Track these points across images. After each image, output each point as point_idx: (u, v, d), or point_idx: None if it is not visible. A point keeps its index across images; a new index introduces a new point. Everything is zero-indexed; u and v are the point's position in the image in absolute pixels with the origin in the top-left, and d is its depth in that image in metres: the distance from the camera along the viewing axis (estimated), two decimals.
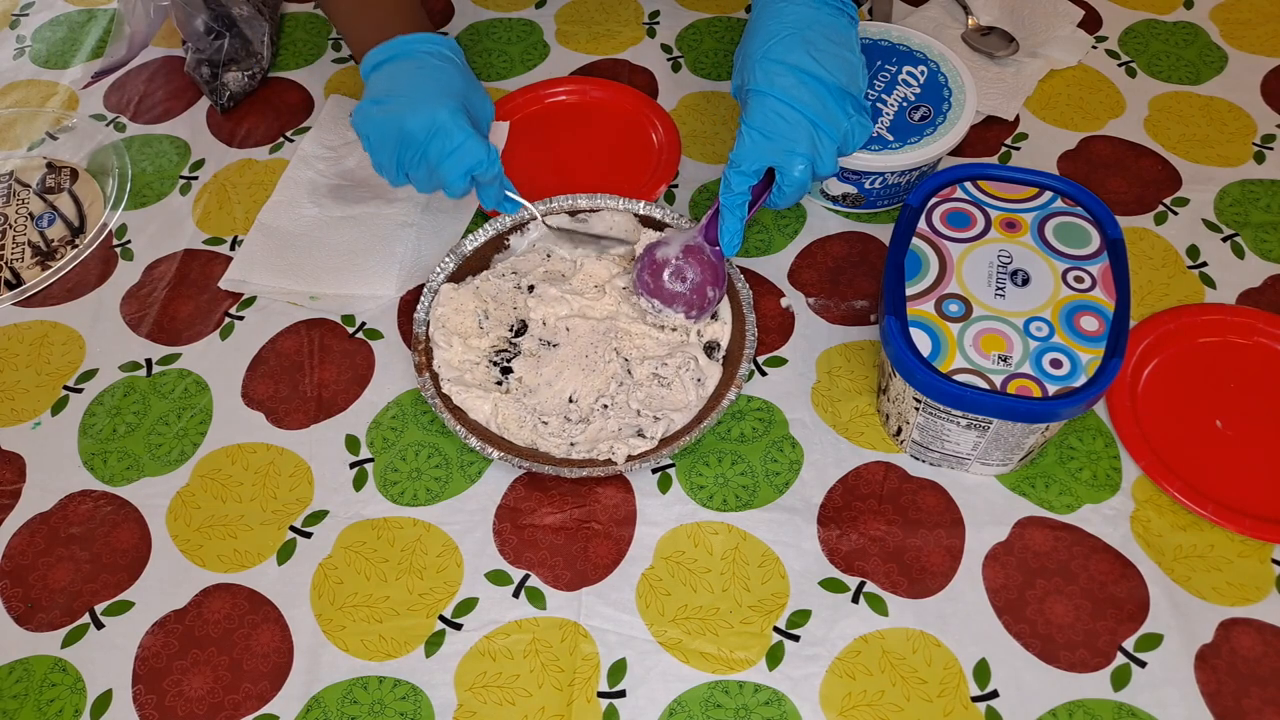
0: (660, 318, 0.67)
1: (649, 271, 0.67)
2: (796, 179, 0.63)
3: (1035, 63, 0.83)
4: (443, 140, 0.63)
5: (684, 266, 0.66)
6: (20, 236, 0.79)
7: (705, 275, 0.66)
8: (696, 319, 0.67)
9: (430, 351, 0.67)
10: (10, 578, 0.61)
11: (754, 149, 0.62)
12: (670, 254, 0.67)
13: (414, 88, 0.65)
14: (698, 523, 0.61)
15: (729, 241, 0.65)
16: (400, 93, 0.65)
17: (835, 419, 0.65)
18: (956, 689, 0.55)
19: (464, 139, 0.63)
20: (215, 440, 0.66)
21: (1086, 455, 0.62)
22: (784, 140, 0.62)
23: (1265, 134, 0.78)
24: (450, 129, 0.63)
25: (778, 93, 0.62)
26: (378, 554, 0.61)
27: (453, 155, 0.63)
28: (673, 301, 0.67)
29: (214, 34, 0.85)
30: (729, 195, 0.64)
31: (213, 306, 0.73)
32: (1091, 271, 0.58)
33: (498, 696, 0.55)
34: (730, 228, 0.65)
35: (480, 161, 0.64)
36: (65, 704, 0.56)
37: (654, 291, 0.67)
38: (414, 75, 0.67)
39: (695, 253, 0.66)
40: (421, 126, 0.63)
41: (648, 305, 0.67)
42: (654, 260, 0.67)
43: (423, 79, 0.66)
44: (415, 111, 0.63)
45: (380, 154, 0.66)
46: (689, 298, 0.66)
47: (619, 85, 0.83)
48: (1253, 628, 0.56)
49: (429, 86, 0.65)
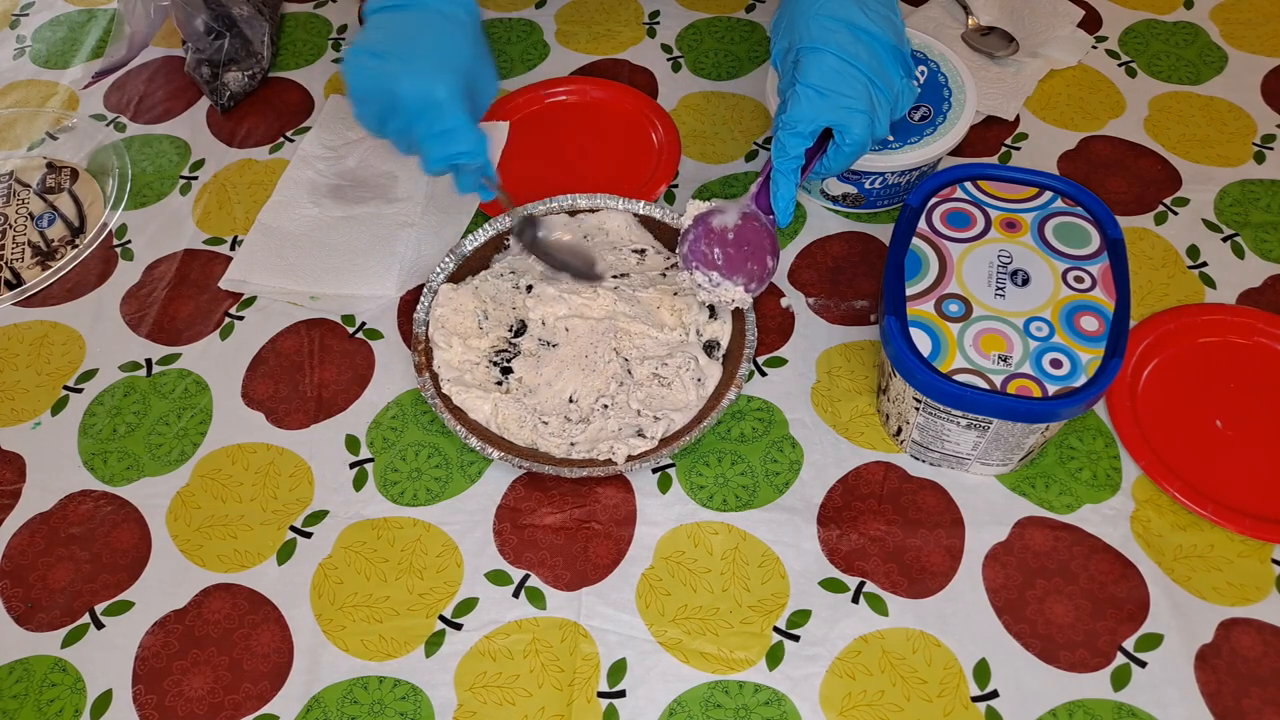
0: (718, 292, 0.63)
1: (706, 241, 0.62)
2: (858, 137, 0.60)
3: (1035, 63, 0.83)
4: (432, 119, 0.59)
5: (743, 235, 0.62)
6: (20, 236, 0.79)
7: (764, 244, 0.63)
8: (756, 291, 0.63)
9: (430, 351, 0.67)
10: (10, 578, 0.61)
11: (811, 107, 0.60)
12: (729, 222, 0.63)
13: (415, 49, 0.60)
14: (698, 523, 0.61)
15: (784, 209, 0.62)
16: (399, 51, 0.59)
17: (835, 419, 0.65)
18: (956, 689, 0.55)
19: (456, 124, 0.59)
20: (215, 440, 0.66)
21: (1086, 455, 0.62)
22: (842, 98, 0.59)
23: (1265, 134, 0.78)
24: (444, 109, 0.59)
25: (834, 49, 0.59)
26: (378, 554, 0.61)
27: (439, 137, 0.59)
28: (735, 272, 0.62)
29: (214, 34, 0.85)
30: (783, 159, 0.61)
31: (213, 306, 0.73)
32: (1091, 271, 0.58)
33: (498, 696, 0.55)
34: (785, 193, 0.62)
35: (465, 152, 0.60)
36: (65, 704, 0.57)
37: (712, 263, 0.62)
38: (418, 34, 0.61)
39: (752, 220, 0.63)
40: (414, 97, 0.58)
41: (704, 279, 0.63)
42: (710, 230, 0.63)
43: (427, 41, 0.60)
44: (411, 79, 0.58)
45: (364, 106, 0.61)
46: (750, 269, 0.63)
47: (619, 85, 0.83)
48: (1253, 628, 0.56)
49: (432, 52, 0.60)
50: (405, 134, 0.61)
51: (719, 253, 0.63)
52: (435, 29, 0.61)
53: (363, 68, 0.60)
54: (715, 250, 0.63)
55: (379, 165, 0.80)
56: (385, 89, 0.59)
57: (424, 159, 0.61)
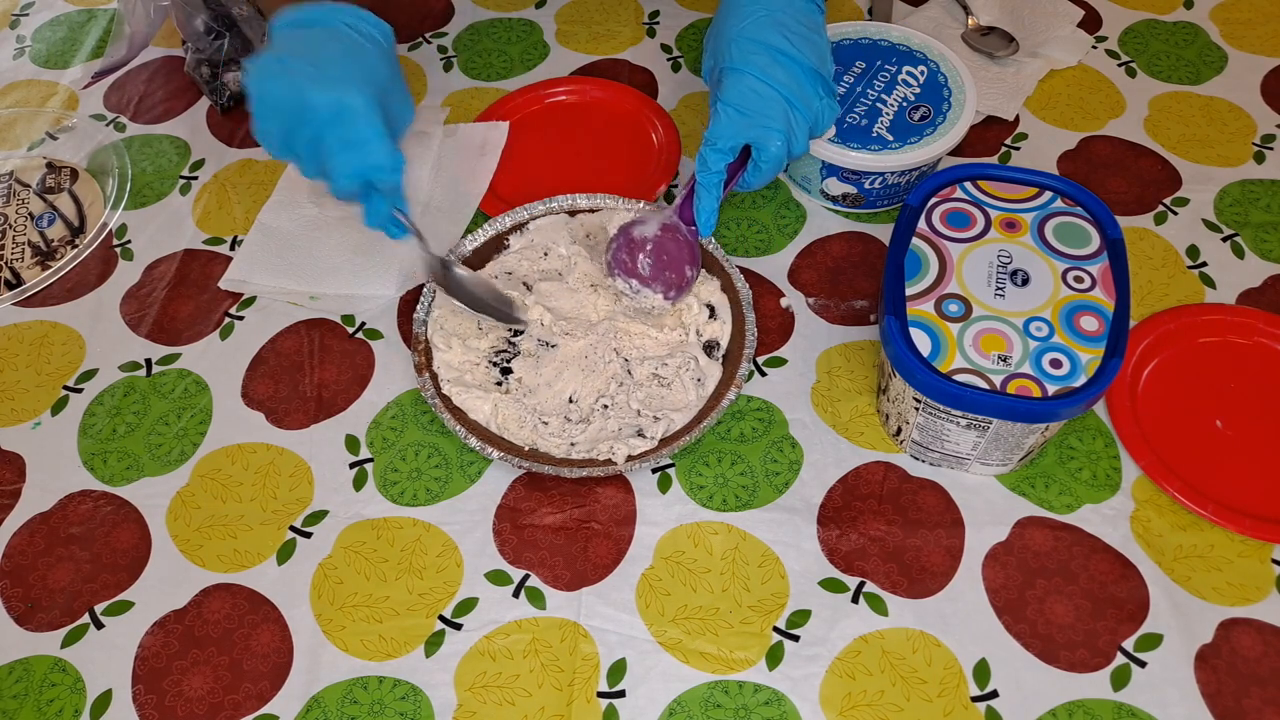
0: (638, 299, 0.67)
1: (625, 251, 0.67)
2: (774, 154, 0.63)
3: (1035, 63, 0.83)
4: (345, 128, 0.55)
5: (663, 245, 0.66)
6: (20, 236, 0.79)
7: (683, 254, 0.66)
8: (675, 299, 0.67)
9: (430, 351, 0.67)
10: (10, 578, 0.61)
11: (730, 125, 0.62)
12: (648, 233, 0.66)
13: (328, 60, 0.57)
14: (698, 523, 0.61)
15: (705, 221, 0.65)
16: (309, 59, 0.56)
17: (835, 419, 0.65)
18: (956, 689, 0.55)
19: (370, 134, 0.55)
20: (215, 440, 0.66)
21: (1086, 455, 0.62)
22: (761, 117, 0.62)
23: (1265, 134, 0.78)
24: (357, 117, 0.55)
25: (754, 70, 0.62)
26: (378, 554, 0.61)
27: (351, 149, 0.56)
28: (652, 281, 0.66)
29: (214, 34, 0.85)
30: (705, 174, 0.64)
31: (213, 306, 0.73)
32: (1091, 271, 0.58)
33: (498, 696, 0.55)
34: (707, 206, 0.65)
35: (380, 166, 0.56)
36: (65, 704, 0.56)
37: (632, 271, 0.66)
38: (330, 46, 0.58)
39: (672, 231, 0.66)
40: (325, 105, 0.55)
41: (624, 286, 0.67)
42: (630, 239, 0.67)
43: (340, 53, 0.58)
44: (322, 86, 0.55)
45: (267, 120, 0.57)
46: (668, 277, 0.66)
47: (619, 85, 0.83)
48: (1253, 628, 0.56)
49: (346, 64, 0.57)
50: (314, 148, 0.56)
51: (641, 261, 0.66)
52: (348, 43, 0.59)
53: (268, 74, 0.56)
54: (637, 259, 0.66)
55: None
56: (293, 96, 0.55)
57: (332, 176, 0.57)
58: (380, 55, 0.60)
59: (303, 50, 0.57)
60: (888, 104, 0.72)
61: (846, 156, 0.69)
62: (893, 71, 0.74)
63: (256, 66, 0.57)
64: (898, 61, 0.74)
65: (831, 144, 0.70)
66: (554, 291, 0.68)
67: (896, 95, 0.72)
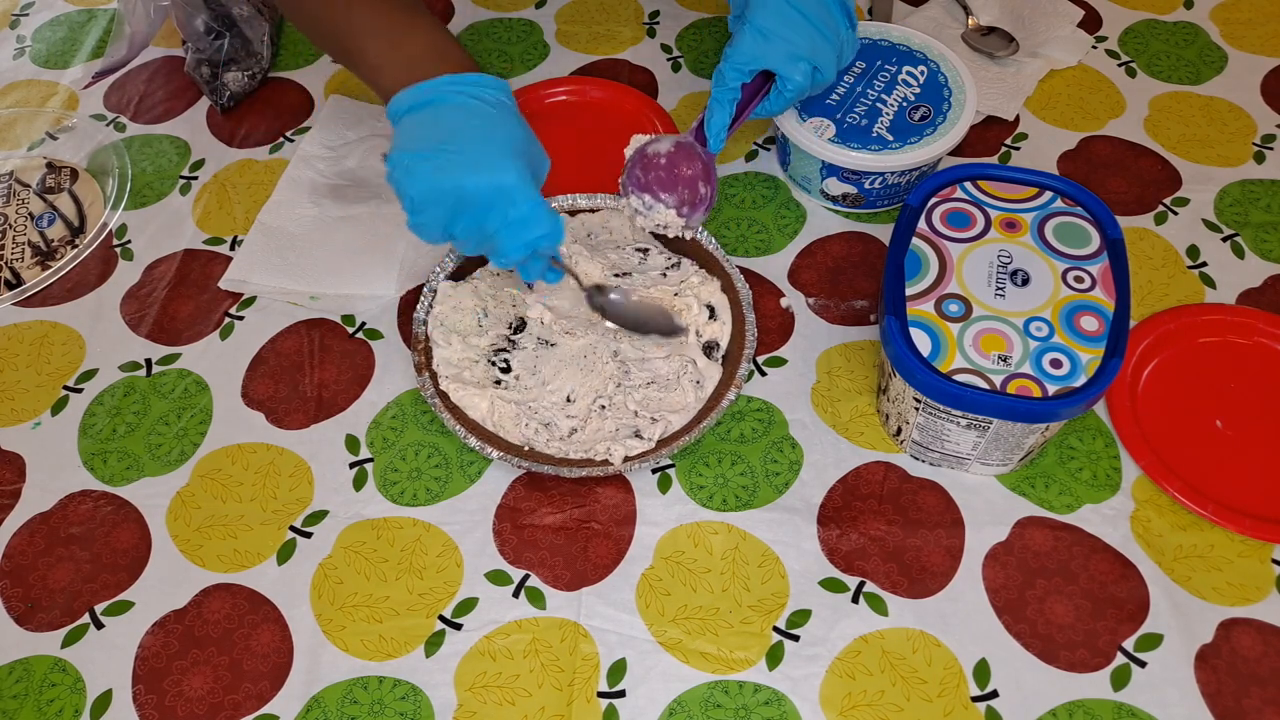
0: (651, 215, 0.67)
1: (640, 166, 0.67)
2: (798, 84, 0.63)
3: (1035, 63, 0.83)
4: (505, 207, 0.54)
5: (676, 162, 0.67)
6: (20, 236, 0.79)
7: (696, 170, 0.67)
8: (689, 217, 0.67)
9: (430, 351, 0.67)
10: (10, 578, 0.61)
11: (753, 47, 0.62)
12: (662, 149, 0.67)
13: (470, 140, 0.55)
14: (698, 523, 0.61)
15: (715, 135, 0.65)
16: (453, 145, 0.55)
17: (835, 419, 0.65)
18: (956, 689, 0.55)
19: (531, 207, 0.55)
20: (215, 440, 0.66)
21: (1086, 455, 0.62)
22: (785, 42, 0.62)
23: (1265, 134, 0.78)
24: (515, 194, 0.54)
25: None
26: (378, 554, 0.61)
27: (516, 225, 0.55)
28: (665, 191, 0.66)
29: (214, 34, 0.85)
30: (721, 89, 0.64)
31: (213, 306, 0.73)
32: (1091, 271, 0.58)
33: (498, 696, 0.55)
34: (718, 121, 0.65)
35: (545, 236, 0.56)
36: (65, 704, 0.56)
37: (645, 186, 0.67)
38: (467, 124, 0.56)
39: (687, 149, 0.67)
40: (484, 189, 0.54)
41: (638, 203, 0.67)
42: (644, 156, 0.67)
43: (479, 129, 0.56)
44: (476, 170, 0.54)
45: (424, 214, 0.56)
46: (681, 193, 0.66)
47: (619, 85, 0.83)
48: (1253, 628, 0.56)
49: (489, 140, 0.56)
50: (476, 230, 0.56)
51: (652, 177, 0.66)
52: (481, 116, 0.57)
53: (415, 172, 0.55)
54: (649, 175, 0.66)
55: (379, 165, 0.80)
56: (448, 188, 0.54)
57: (499, 252, 0.57)
58: (511, 116, 0.58)
59: (440, 136, 0.56)
60: (888, 104, 0.72)
61: (846, 156, 0.69)
62: (893, 71, 0.74)
63: (401, 165, 0.55)
64: (898, 61, 0.74)
65: (831, 144, 0.70)
66: (555, 289, 0.68)
67: (897, 95, 0.72)
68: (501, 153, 0.55)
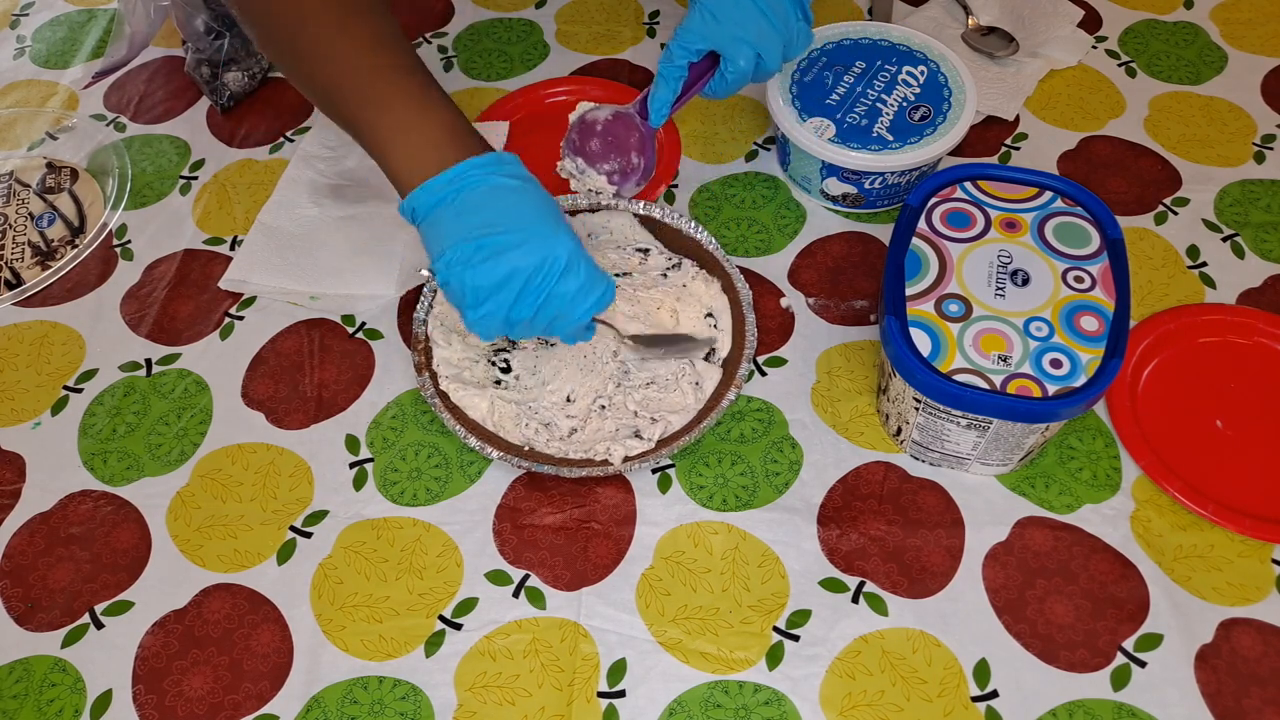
0: (584, 179, 0.68)
1: (578, 132, 0.68)
2: (740, 68, 0.65)
3: (1035, 63, 0.83)
4: (568, 279, 0.53)
5: (612, 130, 0.68)
6: (20, 236, 0.79)
7: (632, 141, 0.68)
8: (620, 184, 0.68)
9: (430, 351, 0.67)
10: (10, 578, 0.61)
11: (702, 27, 0.64)
12: (601, 116, 0.68)
13: (516, 221, 0.53)
14: (698, 523, 0.61)
15: (657, 110, 0.67)
16: (500, 229, 0.53)
17: (835, 419, 0.65)
18: (956, 689, 0.55)
19: (588, 271, 0.54)
20: (215, 440, 0.66)
21: (1086, 455, 0.62)
22: (733, 26, 0.64)
23: (1265, 134, 0.78)
24: (574, 264, 0.53)
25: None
26: (378, 554, 0.61)
27: (579, 294, 0.54)
28: (597, 161, 0.68)
29: (214, 34, 0.85)
30: (667, 65, 0.66)
31: (213, 306, 0.73)
32: (1091, 271, 0.58)
33: (498, 696, 0.55)
34: (660, 97, 0.66)
35: (605, 295, 0.55)
36: (65, 704, 0.56)
37: (580, 150, 0.68)
38: (505, 206, 0.54)
39: (626, 119, 0.68)
40: (544, 265, 0.53)
41: (572, 167, 0.68)
42: (584, 122, 0.68)
43: (519, 208, 0.54)
44: (532, 251, 0.53)
45: (485, 306, 0.54)
46: (613, 159, 0.68)
47: (619, 85, 0.83)
48: (1253, 628, 0.56)
49: (533, 216, 0.54)
50: (539, 309, 0.54)
51: (589, 145, 0.67)
52: (515, 194, 0.55)
53: (472, 264, 0.53)
54: (586, 141, 0.68)
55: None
56: (505, 274, 0.53)
57: (566, 324, 0.56)
58: (536, 188, 0.56)
59: (482, 224, 0.53)
60: (888, 104, 0.72)
61: (846, 156, 0.69)
62: (893, 71, 0.74)
63: (457, 262, 0.53)
64: (898, 61, 0.74)
65: (831, 144, 0.70)
66: None
67: (896, 95, 0.72)
68: (549, 226, 0.54)
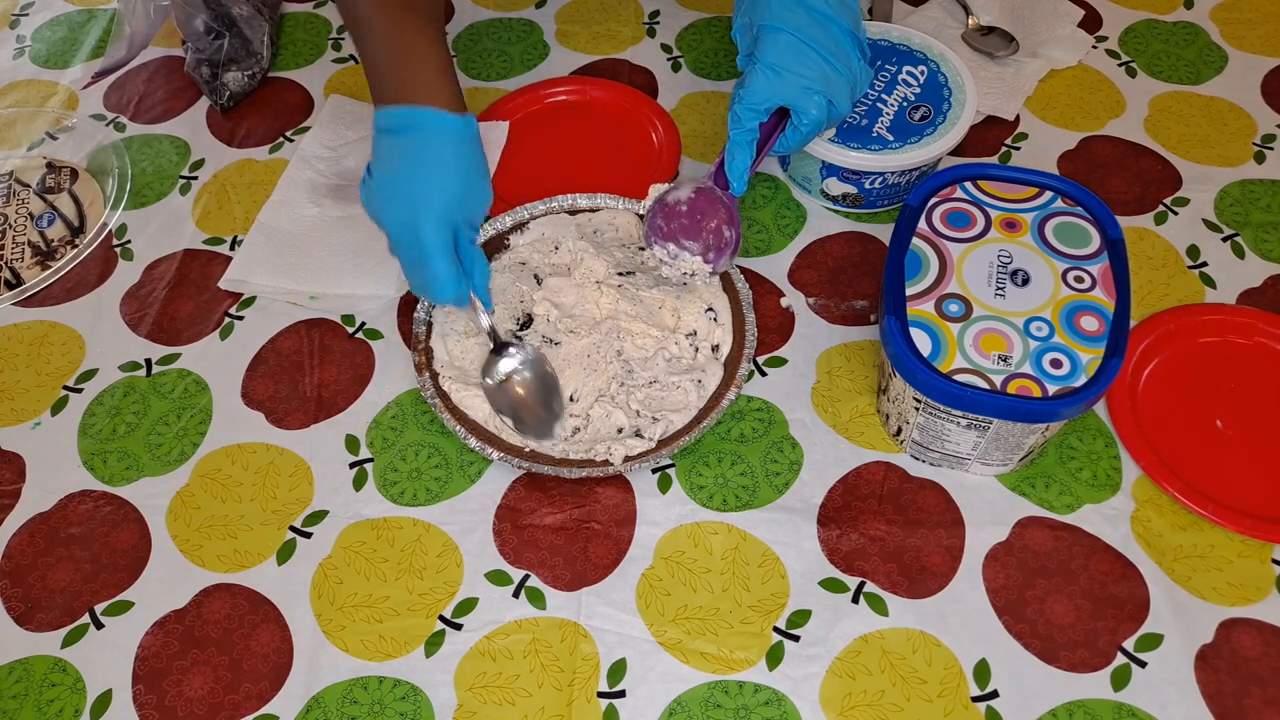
0: (677, 264, 0.65)
1: (662, 216, 0.65)
2: (814, 117, 0.63)
3: (1035, 63, 0.83)
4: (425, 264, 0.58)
5: (697, 207, 0.65)
6: (20, 236, 0.79)
7: (720, 215, 0.65)
8: (714, 262, 0.65)
9: (430, 351, 0.67)
10: (10, 578, 0.61)
11: (767, 85, 0.62)
12: (683, 195, 0.65)
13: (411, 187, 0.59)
14: (698, 523, 0.61)
15: (738, 177, 0.65)
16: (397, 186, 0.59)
17: (835, 419, 0.65)
18: (956, 689, 0.55)
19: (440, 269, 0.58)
20: (215, 440, 0.66)
21: (1086, 455, 0.62)
22: (798, 78, 0.62)
23: (1265, 134, 0.78)
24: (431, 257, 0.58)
25: (793, 29, 0.61)
26: (377, 554, 0.61)
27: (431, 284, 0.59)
28: (689, 240, 0.64)
29: (214, 34, 0.85)
30: (738, 130, 0.63)
31: (213, 306, 0.73)
32: (1091, 271, 0.58)
33: (498, 696, 0.55)
34: (741, 163, 0.64)
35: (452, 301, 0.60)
36: (65, 704, 0.56)
37: (669, 235, 0.65)
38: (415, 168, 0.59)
39: (707, 194, 0.66)
40: (397, 231, 0.59)
41: (663, 253, 0.65)
42: (665, 205, 0.66)
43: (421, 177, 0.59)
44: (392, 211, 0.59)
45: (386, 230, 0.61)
46: (706, 239, 0.65)
47: (619, 85, 0.83)
48: (1253, 628, 0.56)
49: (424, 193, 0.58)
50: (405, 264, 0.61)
51: (675, 225, 0.65)
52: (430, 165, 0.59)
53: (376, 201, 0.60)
54: (672, 224, 0.65)
55: None
56: (386, 223, 0.60)
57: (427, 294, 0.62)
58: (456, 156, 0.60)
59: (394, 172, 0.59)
60: (888, 104, 0.72)
61: (846, 156, 0.69)
62: (893, 71, 0.74)
63: (366, 187, 0.60)
64: (898, 61, 0.74)
65: (831, 144, 0.70)
66: (561, 287, 0.68)
67: (897, 95, 0.72)
68: (427, 214, 0.58)
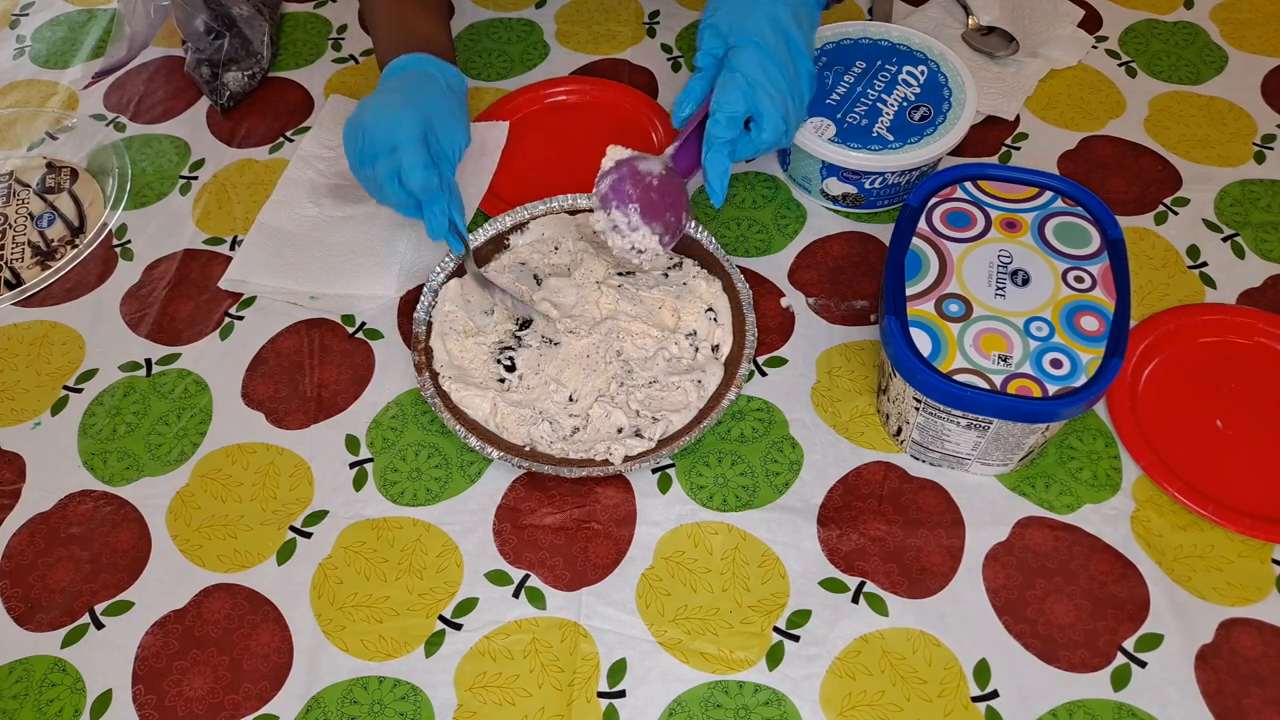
0: (631, 237, 0.63)
1: (631, 182, 0.62)
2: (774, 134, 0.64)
3: (1035, 62, 0.83)
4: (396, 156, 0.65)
5: (666, 186, 0.64)
6: (20, 236, 0.79)
7: (683, 200, 0.65)
8: (669, 244, 0.64)
9: (430, 351, 0.67)
10: (10, 578, 0.61)
11: (738, 94, 0.62)
12: (654, 169, 0.63)
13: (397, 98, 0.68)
14: (698, 523, 0.61)
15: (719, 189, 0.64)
16: (375, 98, 0.69)
17: (835, 419, 0.65)
18: (956, 689, 0.55)
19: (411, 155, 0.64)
20: (215, 440, 0.66)
21: (1086, 455, 0.62)
22: (766, 93, 0.63)
23: (1265, 134, 0.78)
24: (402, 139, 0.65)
25: (769, 50, 0.63)
26: (377, 554, 0.61)
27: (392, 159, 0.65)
28: (653, 219, 0.63)
29: (214, 34, 0.85)
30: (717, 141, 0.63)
31: (213, 306, 0.73)
32: (1091, 271, 0.58)
33: (498, 696, 0.55)
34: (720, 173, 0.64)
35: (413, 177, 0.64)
36: (65, 704, 0.56)
37: (636, 202, 0.62)
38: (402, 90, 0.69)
39: (674, 178, 0.65)
40: (375, 121, 0.66)
41: (622, 217, 0.62)
42: (636, 173, 0.63)
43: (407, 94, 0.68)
44: (374, 111, 0.66)
45: (350, 154, 0.68)
46: (667, 219, 0.63)
47: (619, 85, 0.83)
48: (1253, 628, 0.56)
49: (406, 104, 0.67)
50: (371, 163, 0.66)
51: (642, 196, 0.63)
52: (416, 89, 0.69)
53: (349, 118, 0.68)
54: (638, 192, 0.63)
55: None
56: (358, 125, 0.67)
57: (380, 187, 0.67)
58: (448, 93, 0.71)
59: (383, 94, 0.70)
60: (888, 104, 0.72)
61: (846, 156, 0.69)
62: (893, 71, 0.74)
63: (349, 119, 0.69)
64: (898, 61, 0.74)
65: (831, 144, 0.70)
66: (561, 287, 0.68)
67: (897, 95, 0.72)
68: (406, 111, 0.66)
